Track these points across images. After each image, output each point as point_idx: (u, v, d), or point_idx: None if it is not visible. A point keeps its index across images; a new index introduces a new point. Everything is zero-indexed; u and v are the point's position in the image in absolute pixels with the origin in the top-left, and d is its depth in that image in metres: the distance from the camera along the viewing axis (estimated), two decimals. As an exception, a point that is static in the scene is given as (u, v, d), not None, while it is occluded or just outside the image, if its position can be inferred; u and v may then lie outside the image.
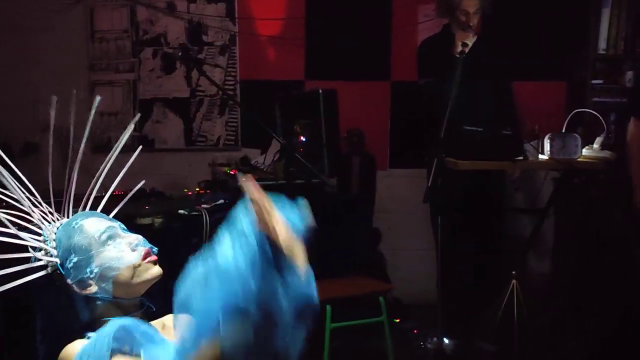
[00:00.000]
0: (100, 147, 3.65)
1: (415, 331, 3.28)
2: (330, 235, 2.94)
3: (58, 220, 1.29)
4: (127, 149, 1.44)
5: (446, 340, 2.99)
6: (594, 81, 3.53)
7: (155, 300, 1.44)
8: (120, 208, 1.34)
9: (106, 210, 1.32)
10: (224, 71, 3.91)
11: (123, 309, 1.21)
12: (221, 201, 2.52)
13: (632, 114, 2.66)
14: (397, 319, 3.30)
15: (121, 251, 1.20)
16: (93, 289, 1.19)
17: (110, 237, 1.21)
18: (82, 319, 1.20)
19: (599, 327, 2.84)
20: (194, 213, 2.27)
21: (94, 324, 1.19)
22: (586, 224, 2.98)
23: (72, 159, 1.32)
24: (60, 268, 1.20)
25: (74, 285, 1.19)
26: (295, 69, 3.89)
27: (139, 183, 1.43)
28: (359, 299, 2.65)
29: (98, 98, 1.41)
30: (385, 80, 3.89)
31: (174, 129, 3.92)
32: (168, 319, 1.31)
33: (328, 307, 2.41)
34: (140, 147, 1.44)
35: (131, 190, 1.41)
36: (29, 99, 3.54)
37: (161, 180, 3.23)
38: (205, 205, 2.36)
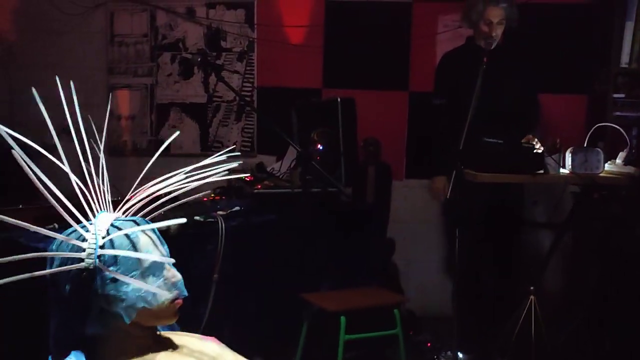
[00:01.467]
0: (117, 150, 3.67)
1: (429, 344, 3.23)
2: (345, 244, 2.91)
3: (111, 212, 1.20)
4: (144, 153, 1.42)
5: (460, 355, 2.94)
6: (615, 95, 3.47)
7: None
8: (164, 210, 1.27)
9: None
10: (242, 77, 3.91)
11: (133, 335, 1.15)
12: (237, 208, 2.50)
13: None
14: (410, 331, 3.25)
15: (160, 287, 1.13)
16: (117, 308, 1.12)
17: (157, 268, 1.14)
18: (88, 330, 1.13)
19: (617, 346, 2.77)
20: (210, 219, 2.25)
21: (95, 339, 1.14)
22: (606, 240, 2.92)
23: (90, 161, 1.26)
24: (96, 271, 1.11)
25: (99, 296, 1.12)
26: (313, 77, 3.88)
27: (156, 188, 1.36)
28: (373, 311, 2.60)
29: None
30: (404, 91, 3.86)
31: (190, 134, 3.92)
32: (189, 340, 1.27)
33: (342, 319, 2.38)
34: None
35: (147, 195, 1.35)
36: (50, 101, 3.57)
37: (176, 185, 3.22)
38: (220, 212, 2.34)
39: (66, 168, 1.16)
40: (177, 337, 1.25)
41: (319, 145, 2.90)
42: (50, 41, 3.86)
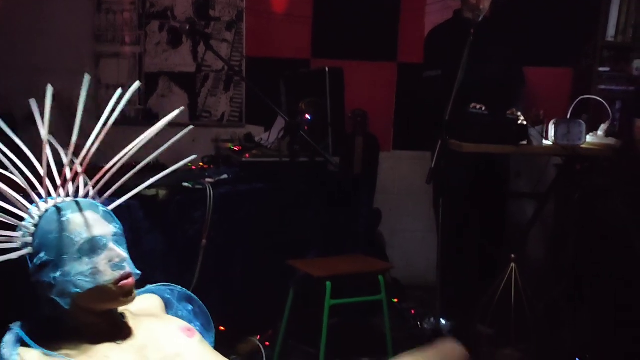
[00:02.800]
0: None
1: (413, 311, 3.31)
2: (332, 214, 2.96)
3: (56, 198, 1.16)
4: (131, 122, 1.43)
5: (443, 322, 3.01)
6: (600, 68, 3.51)
7: (155, 274, 1.47)
8: (126, 181, 1.31)
9: (113, 182, 1.27)
10: (231, 47, 3.89)
11: (83, 321, 1.11)
12: (225, 176, 2.53)
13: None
14: (395, 299, 3.33)
15: (94, 268, 1.07)
16: (51, 294, 1.07)
17: (92, 249, 1.08)
18: (42, 310, 1.11)
19: (595, 314, 2.86)
20: (198, 186, 2.28)
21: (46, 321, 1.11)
22: (587, 210, 2.99)
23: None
24: (28, 259, 1.10)
25: (34, 283, 1.09)
26: (302, 47, 3.86)
27: (141, 156, 1.37)
28: (359, 277, 2.66)
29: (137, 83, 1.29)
30: (392, 61, 3.87)
31: (179, 103, 3.91)
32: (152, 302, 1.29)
33: (328, 284, 2.44)
34: (191, 126, 1.38)
35: (136, 163, 1.37)
36: (34, 68, 3.54)
37: (165, 155, 3.24)
38: (209, 180, 2.36)
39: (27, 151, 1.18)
40: (148, 324, 1.19)
41: (307, 115, 2.92)
42: (36, 7, 3.80)
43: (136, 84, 1.28)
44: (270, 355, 2.60)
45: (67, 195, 1.20)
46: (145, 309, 1.25)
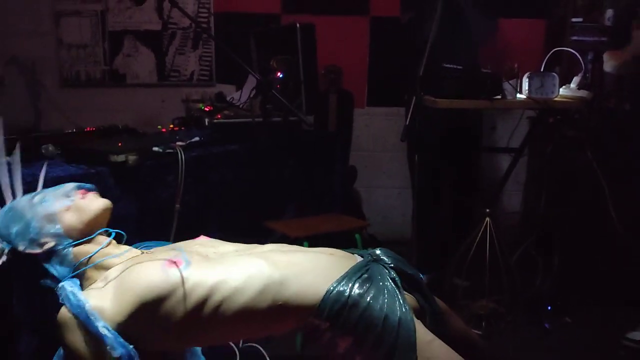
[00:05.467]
0: (69, 81, 3.53)
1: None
2: (307, 173, 2.94)
3: None
4: (97, 84, 1.39)
5: (420, 275, 3.06)
6: (573, 19, 3.48)
7: (130, 240, 1.44)
8: (94, 145, 1.29)
9: (78, 147, 1.28)
10: (197, 2, 3.76)
11: (89, 245, 1.27)
12: (196, 138, 2.47)
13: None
14: (372, 255, 3.36)
15: (54, 202, 1.28)
16: (50, 242, 1.24)
17: (42, 199, 1.28)
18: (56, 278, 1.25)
19: (564, 263, 2.93)
20: (169, 150, 2.22)
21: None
22: (558, 163, 3.03)
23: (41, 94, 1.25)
24: (6, 249, 1.25)
25: (29, 251, 1.23)
26: (271, 2, 3.76)
27: (110, 119, 1.38)
28: (335, 236, 2.67)
29: None
30: (365, 16, 3.79)
31: (146, 63, 3.79)
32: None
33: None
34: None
35: (103, 127, 1.36)
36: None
37: (134, 117, 3.16)
38: (180, 143, 2.31)
39: None
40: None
41: (278, 73, 2.85)
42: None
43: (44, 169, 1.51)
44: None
45: None
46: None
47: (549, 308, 2.85)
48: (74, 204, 1.28)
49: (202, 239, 1.43)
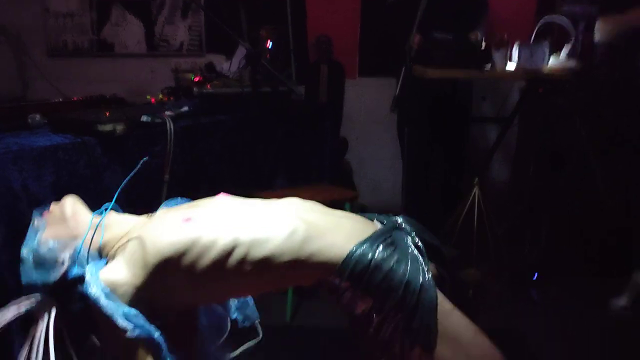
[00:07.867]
0: (56, 50, 3.49)
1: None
2: (298, 143, 2.94)
3: None
4: (86, 54, 1.37)
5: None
6: (565, -12, 3.45)
7: (118, 210, 1.46)
8: (81, 115, 1.28)
9: (65, 116, 1.26)
10: (186, -29, 3.71)
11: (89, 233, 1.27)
12: (185, 108, 2.46)
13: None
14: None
15: (36, 236, 1.28)
16: (63, 255, 1.24)
17: (32, 240, 1.27)
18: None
19: (550, 232, 2.97)
20: (158, 120, 2.21)
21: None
22: (547, 133, 3.04)
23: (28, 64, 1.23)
24: (39, 285, 1.23)
25: (59, 275, 1.22)
26: (261, -30, 3.70)
27: (99, 89, 1.36)
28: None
29: None
30: (356, -16, 3.75)
31: (135, 33, 3.75)
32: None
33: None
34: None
35: (91, 97, 1.35)
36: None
37: (122, 87, 3.13)
38: (169, 113, 2.30)
39: None
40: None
41: (268, 43, 2.83)
42: None
43: None
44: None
45: None
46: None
47: (535, 277, 2.89)
48: (48, 221, 1.30)
49: (222, 196, 1.44)
